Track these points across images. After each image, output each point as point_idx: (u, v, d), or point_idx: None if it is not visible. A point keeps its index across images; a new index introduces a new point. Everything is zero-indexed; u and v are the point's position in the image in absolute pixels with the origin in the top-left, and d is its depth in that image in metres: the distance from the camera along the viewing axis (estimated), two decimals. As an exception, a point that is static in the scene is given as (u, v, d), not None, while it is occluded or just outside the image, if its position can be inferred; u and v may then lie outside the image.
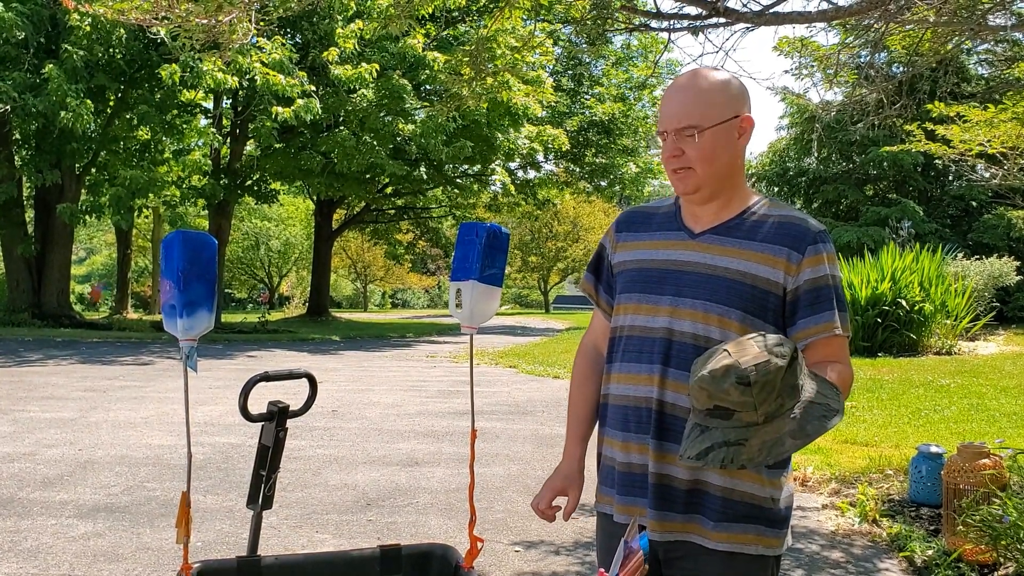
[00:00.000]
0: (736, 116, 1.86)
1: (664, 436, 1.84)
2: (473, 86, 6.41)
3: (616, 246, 2.04)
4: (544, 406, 9.73)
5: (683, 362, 1.83)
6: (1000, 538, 3.94)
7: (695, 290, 1.85)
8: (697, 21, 4.40)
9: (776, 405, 1.57)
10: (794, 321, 1.84)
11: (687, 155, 1.84)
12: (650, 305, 1.90)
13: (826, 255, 1.85)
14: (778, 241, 1.84)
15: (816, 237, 1.85)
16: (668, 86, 1.95)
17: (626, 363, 1.93)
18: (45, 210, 22.08)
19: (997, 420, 8.25)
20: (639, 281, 1.94)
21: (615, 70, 29.76)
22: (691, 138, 1.83)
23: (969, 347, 15.74)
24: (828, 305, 1.83)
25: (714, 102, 1.84)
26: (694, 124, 1.83)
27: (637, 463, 1.90)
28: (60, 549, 4.51)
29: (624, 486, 1.93)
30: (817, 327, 1.83)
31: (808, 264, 1.83)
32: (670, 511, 1.84)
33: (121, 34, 17.58)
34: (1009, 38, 9.30)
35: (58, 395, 10.08)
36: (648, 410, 1.87)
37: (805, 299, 1.83)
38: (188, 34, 3.63)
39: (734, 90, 1.88)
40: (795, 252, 1.83)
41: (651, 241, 1.97)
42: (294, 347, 18.87)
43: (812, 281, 1.83)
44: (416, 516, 5.23)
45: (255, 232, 44.26)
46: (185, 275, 2.14)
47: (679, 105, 1.85)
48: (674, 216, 1.98)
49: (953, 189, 25.71)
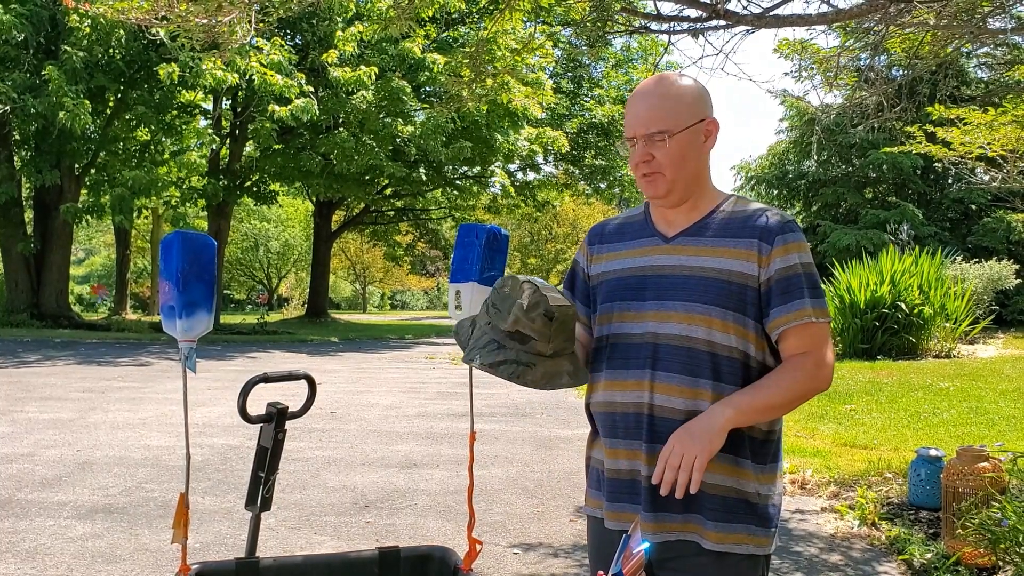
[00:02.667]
0: (702, 120, 1.90)
1: (655, 439, 1.85)
2: (473, 88, 6.41)
3: (591, 259, 2.07)
4: (543, 408, 9.72)
5: (670, 364, 1.85)
6: (999, 541, 3.93)
7: (675, 292, 1.88)
8: (697, 23, 4.41)
9: (563, 345, 1.83)
10: (768, 312, 1.86)
11: (657, 160, 1.87)
12: (633, 312, 1.92)
13: (795, 244, 1.86)
14: (747, 235, 1.87)
15: (784, 227, 1.87)
16: (633, 91, 1.96)
17: (613, 370, 1.93)
18: (44, 211, 22.08)
19: (996, 423, 8.24)
20: (619, 289, 1.96)
21: (615, 72, 29.78)
22: (661, 143, 1.86)
23: (968, 350, 15.74)
24: (799, 293, 1.85)
25: (682, 107, 1.87)
26: (664, 129, 1.85)
27: (625, 468, 1.90)
28: (58, 550, 4.50)
29: (613, 492, 1.93)
30: (789, 315, 1.84)
31: (777, 254, 1.85)
32: (667, 512, 1.84)
33: (120, 35, 17.59)
34: (1009, 41, 9.31)
35: (57, 396, 10.07)
36: (638, 415, 1.88)
37: (777, 288, 1.85)
38: (188, 34, 3.63)
39: (699, 94, 1.91)
40: (764, 244, 1.85)
41: (626, 250, 2.00)
42: (293, 348, 18.86)
43: (783, 271, 1.85)
44: (414, 518, 5.23)
45: (254, 233, 44.30)
46: (184, 276, 2.13)
47: (648, 110, 1.88)
48: (645, 223, 2.00)
49: (952, 192, 25.72)
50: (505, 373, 1.79)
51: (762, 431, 1.88)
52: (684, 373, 1.84)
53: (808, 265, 1.87)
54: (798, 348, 1.85)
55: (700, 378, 1.84)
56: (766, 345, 1.89)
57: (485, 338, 1.84)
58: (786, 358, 1.87)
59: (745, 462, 1.85)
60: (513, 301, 1.79)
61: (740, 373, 1.85)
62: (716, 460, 1.82)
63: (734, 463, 1.85)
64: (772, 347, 1.89)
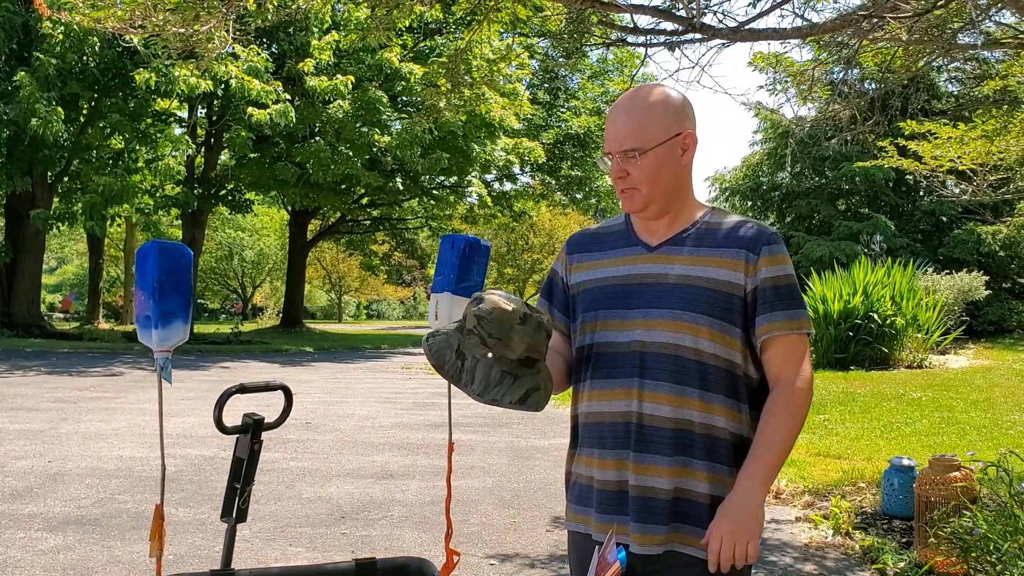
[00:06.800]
0: (678, 134, 1.89)
1: (643, 448, 1.85)
2: (450, 98, 6.42)
3: (570, 268, 2.05)
4: (519, 418, 9.72)
5: (657, 373, 1.86)
6: (970, 550, 3.97)
7: (661, 300, 1.88)
8: (674, 36, 4.45)
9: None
10: (755, 319, 1.88)
11: (632, 176, 1.88)
12: (618, 320, 1.91)
13: (780, 255, 1.89)
14: (734, 244, 1.89)
15: (770, 238, 1.89)
16: (611, 106, 1.97)
17: (599, 380, 1.93)
18: (16, 219, 21.82)
19: (967, 433, 8.33)
20: (604, 298, 1.95)
21: (591, 84, 29.92)
22: (634, 159, 1.87)
23: (939, 360, 15.91)
24: (787, 304, 1.87)
25: (655, 123, 1.87)
26: (636, 147, 1.86)
27: (614, 480, 1.89)
28: (29, 563, 4.44)
29: (602, 504, 1.91)
30: (772, 324, 1.86)
31: (764, 264, 1.87)
32: (654, 523, 1.84)
33: (94, 42, 17.45)
34: (978, 56, 9.46)
35: (27, 406, 9.94)
36: (626, 424, 1.87)
37: (764, 297, 1.87)
38: (165, 43, 3.62)
39: (675, 107, 1.90)
40: (751, 253, 1.87)
41: (608, 259, 1.99)
42: (267, 358, 18.74)
43: (769, 280, 1.87)
44: (390, 529, 5.20)
45: (228, 242, 43.97)
46: (160, 286, 2.11)
47: (622, 126, 1.88)
48: (627, 232, 2.00)
49: (924, 204, 26.01)
50: (533, 405, 1.75)
51: (741, 438, 1.89)
52: (672, 381, 1.85)
53: (791, 277, 1.90)
54: (779, 358, 1.87)
55: (687, 387, 1.85)
56: (750, 354, 1.90)
57: (495, 372, 1.76)
58: (771, 377, 1.89)
59: (729, 470, 1.86)
60: (511, 325, 1.71)
61: (726, 382, 1.86)
62: (700, 469, 1.84)
63: (718, 471, 1.86)
64: (755, 356, 1.91)
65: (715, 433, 1.86)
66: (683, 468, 1.84)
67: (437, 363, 1.84)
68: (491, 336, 1.73)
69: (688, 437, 1.85)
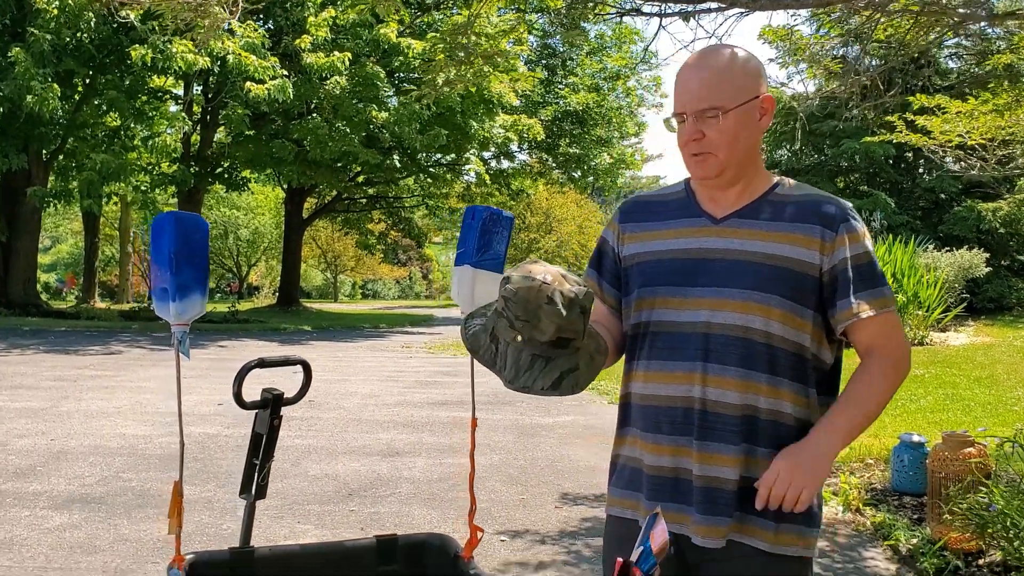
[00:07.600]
0: (757, 96, 1.77)
1: (707, 436, 1.73)
2: (449, 74, 6.33)
3: (623, 237, 1.91)
4: (523, 396, 9.67)
5: (724, 357, 1.73)
6: (987, 526, 3.95)
7: (729, 279, 1.75)
8: (690, 5, 4.36)
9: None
10: (836, 302, 1.75)
11: (708, 138, 1.74)
12: (680, 298, 1.78)
13: (859, 232, 1.78)
14: (809, 220, 1.75)
15: (848, 214, 1.78)
16: (683, 64, 1.81)
17: (656, 361, 1.80)
18: (11, 197, 21.65)
19: (972, 409, 8.32)
20: (662, 273, 1.81)
21: (589, 60, 29.69)
22: (714, 120, 1.73)
23: (940, 338, 15.90)
24: (872, 282, 1.76)
25: (736, 81, 1.74)
26: (717, 105, 1.72)
27: (669, 466, 1.78)
28: (35, 541, 4.41)
29: (654, 490, 1.80)
30: (859, 307, 1.74)
31: (843, 242, 1.75)
32: (719, 515, 1.73)
33: (90, 17, 17.25)
34: (982, 32, 9.38)
35: (27, 384, 9.89)
36: (688, 410, 1.75)
37: (847, 277, 1.74)
38: (174, 12, 3.53)
39: (754, 68, 1.79)
40: (828, 230, 1.74)
41: (668, 230, 1.85)
42: (265, 337, 18.69)
43: (852, 259, 1.75)
44: (399, 506, 5.17)
45: (224, 221, 43.80)
46: (177, 258, 2.06)
47: (699, 85, 1.74)
48: (689, 202, 1.86)
49: (924, 182, 25.92)
50: (568, 388, 1.63)
51: (807, 423, 1.78)
52: (739, 366, 1.73)
53: (871, 254, 1.78)
54: (873, 338, 1.77)
55: (755, 371, 1.73)
56: (823, 337, 1.79)
57: (525, 356, 1.62)
58: (862, 352, 1.79)
59: None
60: (538, 305, 1.55)
61: (794, 366, 1.75)
62: (765, 457, 1.73)
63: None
64: (828, 339, 1.80)
65: (781, 419, 1.74)
66: (748, 457, 1.73)
67: (472, 348, 1.74)
68: (518, 319, 1.58)
69: (753, 424, 1.73)
